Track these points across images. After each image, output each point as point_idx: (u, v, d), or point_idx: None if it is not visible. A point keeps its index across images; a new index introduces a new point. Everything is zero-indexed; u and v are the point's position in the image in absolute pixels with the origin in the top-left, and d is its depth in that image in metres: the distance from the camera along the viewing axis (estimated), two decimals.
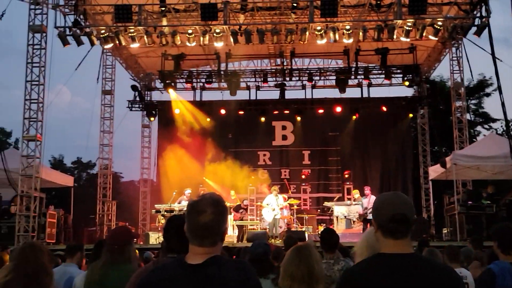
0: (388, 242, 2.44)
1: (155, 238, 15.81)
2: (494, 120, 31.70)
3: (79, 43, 15.83)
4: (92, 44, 16.06)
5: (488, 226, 14.13)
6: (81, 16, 15.91)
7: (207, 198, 2.45)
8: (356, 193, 17.07)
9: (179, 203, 16.10)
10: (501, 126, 30.91)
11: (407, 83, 20.86)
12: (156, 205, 16.72)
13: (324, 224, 17.79)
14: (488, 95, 31.60)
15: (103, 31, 15.92)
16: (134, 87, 21.70)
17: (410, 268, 2.36)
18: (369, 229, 3.05)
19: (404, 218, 2.43)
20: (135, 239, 4.35)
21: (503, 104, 14.94)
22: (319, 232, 14.13)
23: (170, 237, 3.21)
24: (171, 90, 20.83)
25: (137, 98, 21.94)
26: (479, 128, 31.59)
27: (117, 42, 16.16)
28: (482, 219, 14.76)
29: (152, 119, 22.79)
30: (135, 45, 16.73)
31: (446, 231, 16.81)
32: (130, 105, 22.05)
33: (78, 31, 15.81)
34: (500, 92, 14.98)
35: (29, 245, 3.54)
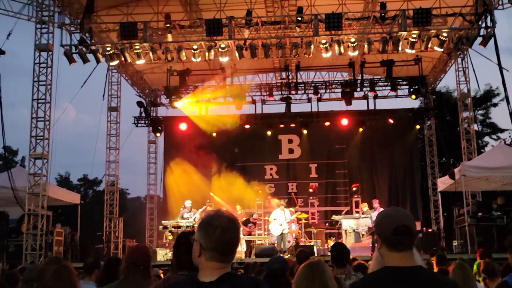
0: (392, 255, 2.50)
1: (163, 255, 15.72)
2: (502, 130, 31.58)
3: (85, 60, 15.90)
4: (98, 61, 16.14)
5: (499, 237, 13.97)
6: (87, 34, 15.99)
7: (225, 215, 2.45)
8: (364, 206, 16.94)
9: (182, 216, 16.02)
10: (509, 136, 30.84)
11: (413, 96, 20.79)
12: (163, 221, 16.64)
13: (334, 238, 17.64)
14: (495, 105, 31.50)
15: (108, 48, 15.99)
16: (139, 103, 21.75)
17: (414, 281, 2.41)
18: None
19: (406, 229, 2.49)
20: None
21: (511, 114, 14.84)
22: (329, 247, 14.02)
23: (180, 254, 3.18)
24: (179, 103, 20.79)
25: (143, 114, 21.98)
26: (486, 138, 31.43)
27: (123, 59, 16.22)
28: (493, 230, 14.58)
29: (158, 134, 22.82)
30: (140, 62, 16.79)
31: (456, 243, 16.62)
32: (136, 121, 22.09)
33: (84, 49, 15.89)
34: (508, 102, 14.89)
35: (64, 266, 3.49)
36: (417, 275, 2.44)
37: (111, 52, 16.00)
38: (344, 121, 21.69)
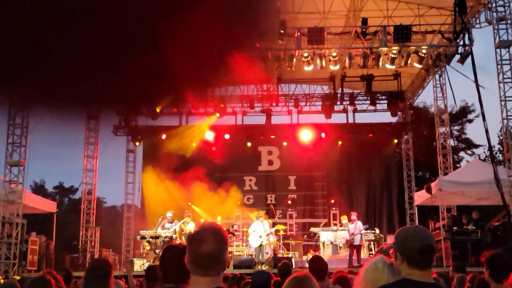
0: (413, 272, 2.53)
1: (140, 265, 15.56)
2: (477, 146, 32.20)
3: None
4: None
5: (473, 251, 14.19)
6: None
7: (207, 228, 2.43)
8: (344, 219, 17.01)
9: (163, 226, 15.91)
10: (484, 152, 31.37)
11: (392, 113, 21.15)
12: (141, 231, 16.49)
13: (313, 251, 17.68)
14: (470, 121, 32.14)
15: None
16: (119, 112, 21.59)
17: None
18: (370, 264, 3.03)
19: (431, 249, 2.54)
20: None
21: (487, 131, 15.12)
22: (308, 260, 14.05)
23: (166, 266, 3.17)
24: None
25: (122, 123, 21.82)
26: (462, 153, 32.01)
27: None
28: (467, 244, 14.80)
29: (137, 143, 22.66)
30: None
31: None
32: (115, 130, 21.91)
33: None
34: (484, 119, 15.18)
35: (40, 279, 3.47)
36: None
37: None
38: (323, 134, 21.86)
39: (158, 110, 20.51)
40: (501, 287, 4.21)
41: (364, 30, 15.34)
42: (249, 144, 21.98)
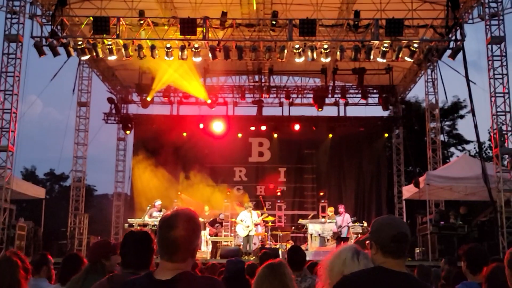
0: (388, 261, 2.53)
1: None
2: (467, 142, 32.35)
3: (56, 53, 15.65)
4: (69, 55, 15.89)
5: (459, 246, 14.27)
6: (58, 27, 15.74)
7: (180, 214, 2.42)
8: (331, 211, 17.08)
9: (151, 215, 15.91)
10: (474, 148, 31.54)
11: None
12: (129, 219, 16.50)
13: (292, 242, 17.74)
14: (462, 117, 32.25)
15: (80, 42, 15.77)
16: (110, 100, 21.54)
17: (406, 286, 2.48)
18: (336, 252, 2.94)
19: (405, 236, 2.55)
20: (114, 254, 4.29)
21: (476, 127, 15.23)
22: (286, 249, 14.11)
23: (126, 252, 3.18)
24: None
25: (113, 111, 21.75)
26: (452, 149, 32.15)
27: (94, 54, 16.02)
28: (454, 239, 14.91)
29: (128, 132, 22.61)
30: (112, 58, 16.61)
31: (418, 250, 16.93)
32: (105, 118, 21.84)
33: (54, 41, 15.63)
34: (473, 115, 15.26)
35: (6, 259, 3.44)
36: (408, 280, 2.50)
37: (82, 46, 15.78)
38: (314, 127, 21.89)
39: (149, 98, 20.50)
40: (476, 278, 4.26)
41: (356, 23, 15.30)
42: (239, 135, 21.97)
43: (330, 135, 22.02)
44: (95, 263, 3.84)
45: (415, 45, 15.50)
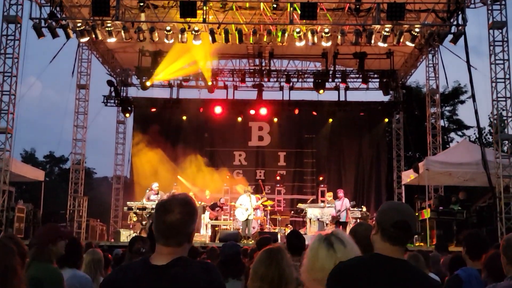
0: (385, 245, 2.51)
1: (127, 236, 15.63)
2: (468, 127, 32.28)
3: (55, 35, 15.54)
4: (68, 37, 15.79)
5: (458, 231, 14.32)
6: (57, 8, 15.62)
7: (176, 198, 2.42)
8: (330, 196, 17.12)
9: (148, 198, 15.93)
10: (474, 133, 31.50)
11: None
12: (128, 203, 16.51)
13: (291, 226, 17.81)
14: (462, 102, 32.14)
15: (79, 24, 15.67)
16: (110, 82, 21.44)
17: (402, 273, 2.44)
18: (309, 251, 2.77)
19: (406, 226, 2.51)
20: (62, 239, 4.24)
21: (476, 112, 15.18)
22: (285, 234, 14.17)
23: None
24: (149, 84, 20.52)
25: (113, 94, 21.67)
26: (452, 134, 32.11)
27: (94, 36, 15.91)
28: (453, 224, 14.94)
29: (127, 115, 22.56)
30: (112, 40, 16.52)
31: (416, 236, 16.98)
32: (105, 100, 21.76)
33: (53, 23, 15.52)
34: (474, 100, 15.20)
35: (1, 246, 3.40)
36: (405, 268, 2.47)
37: (81, 28, 15.68)
38: (315, 111, 21.84)
39: (150, 83, 20.41)
40: (476, 264, 4.27)
41: (357, 6, 15.19)
42: (239, 119, 21.93)
43: (330, 120, 21.97)
44: (42, 248, 3.80)
45: (417, 29, 15.40)
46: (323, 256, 2.64)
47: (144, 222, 15.13)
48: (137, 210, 15.55)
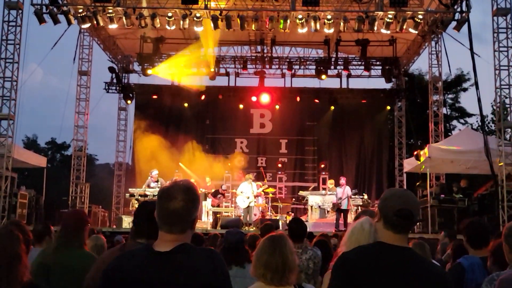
0: (388, 233, 2.50)
1: (128, 222, 15.69)
2: (470, 115, 32.21)
3: (56, 21, 15.48)
4: (69, 23, 15.73)
5: (459, 219, 14.33)
6: None
7: (179, 185, 2.41)
8: (331, 183, 17.13)
9: (148, 185, 15.95)
10: (477, 121, 31.43)
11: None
12: (130, 189, 16.56)
13: (293, 214, 17.86)
14: (465, 90, 32.04)
15: (80, 10, 15.58)
16: (111, 69, 21.37)
17: (407, 262, 2.43)
18: (356, 225, 3.04)
19: (409, 214, 2.48)
20: (88, 224, 4.35)
21: (479, 100, 15.10)
22: (287, 222, 14.22)
23: (140, 221, 3.19)
24: (151, 71, 20.47)
25: (114, 80, 21.61)
26: (455, 122, 32.03)
27: (95, 22, 15.84)
28: (454, 212, 14.97)
29: (129, 102, 22.54)
30: (113, 26, 16.44)
31: (418, 223, 17.01)
32: (106, 87, 21.71)
33: (55, 9, 15.45)
34: (477, 88, 15.12)
35: (6, 232, 3.40)
36: (409, 256, 2.46)
37: (83, 14, 15.59)
38: (316, 98, 21.78)
39: (153, 72, 20.35)
40: (478, 253, 4.25)
41: None
42: (241, 106, 21.88)
43: (332, 107, 21.92)
44: (73, 233, 3.87)
45: (420, 16, 15.30)
46: (367, 237, 2.87)
47: None
48: (139, 197, 15.59)
